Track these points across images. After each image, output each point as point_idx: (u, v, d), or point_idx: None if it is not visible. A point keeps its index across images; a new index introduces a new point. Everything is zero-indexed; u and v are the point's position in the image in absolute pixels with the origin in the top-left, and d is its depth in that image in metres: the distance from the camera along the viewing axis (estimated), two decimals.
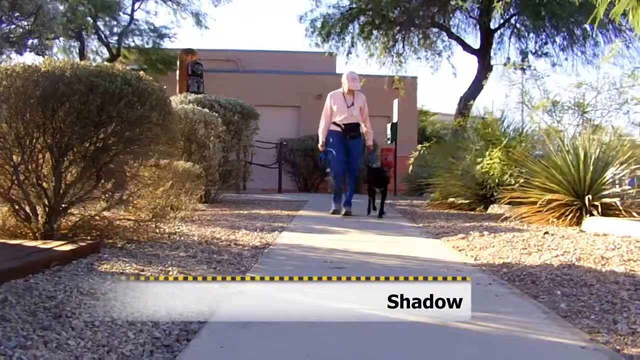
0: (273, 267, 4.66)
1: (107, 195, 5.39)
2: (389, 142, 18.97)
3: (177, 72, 16.14)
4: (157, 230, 5.98)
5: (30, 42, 5.73)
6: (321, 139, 9.68)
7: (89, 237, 5.21)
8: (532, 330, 2.99)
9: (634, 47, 17.31)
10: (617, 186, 8.26)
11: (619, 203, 7.62)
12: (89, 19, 23.25)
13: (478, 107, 13.43)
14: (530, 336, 2.89)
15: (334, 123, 9.60)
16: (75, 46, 24.90)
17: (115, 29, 24.90)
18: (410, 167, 13.52)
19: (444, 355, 2.55)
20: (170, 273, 4.13)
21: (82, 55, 23.97)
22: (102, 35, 24.68)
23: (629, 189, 8.20)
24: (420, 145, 12.62)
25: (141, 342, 2.63)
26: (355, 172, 9.95)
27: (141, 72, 5.48)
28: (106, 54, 24.82)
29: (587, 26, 17.78)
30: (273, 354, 2.56)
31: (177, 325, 2.94)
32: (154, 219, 5.74)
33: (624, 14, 6.80)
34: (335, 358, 2.53)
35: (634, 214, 7.48)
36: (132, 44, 24.79)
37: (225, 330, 2.84)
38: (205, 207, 9.84)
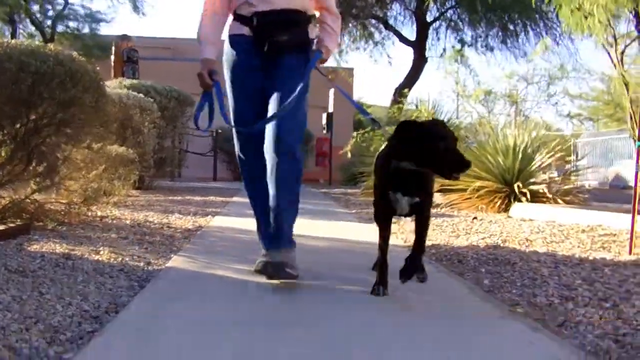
0: (205, 247, 4.70)
1: (38, 178, 5.33)
2: (325, 131, 19.10)
3: (112, 57, 15.90)
4: (89, 214, 5.95)
5: None
6: (204, 60, 3.68)
7: (18, 220, 5.14)
8: (456, 304, 3.12)
9: (563, 44, 17.85)
10: (546, 174, 8.54)
11: (546, 190, 7.89)
12: (22, 1, 22.72)
13: (413, 97, 13.68)
14: (455, 309, 3.01)
15: (238, 17, 3.75)
16: (7, 30, 24.32)
17: (49, 13, 24.41)
18: (348, 153, 13.64)
19: (370, 326, 2.63)
20: (101, 253, 4.13)
21: (13, 39, 23.41)
22: (36, 19, 24.14)
23: (556, 177, 8.51)
24: (355, 133, 12.71)
25: (70, 314, 2.65)
26: (293, 150, 3.56)
27: (74, 53, 5.42)
28: (40, 39, 24.28)
29: (519, 21, 18.28)
30: (201, 319, 2.61)
31: (106, 299, 2.97)
32: (85, 202, 5.70)
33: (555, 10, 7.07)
34: (258, 319, 2.60)
35: (560, 200, 7.76)
36: (67, 29, 24.35)
37: (155, 302, 2.88)
38: (138, 193, 9.76)
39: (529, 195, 7.86)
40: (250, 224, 6.23)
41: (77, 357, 2.10)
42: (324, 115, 19.40)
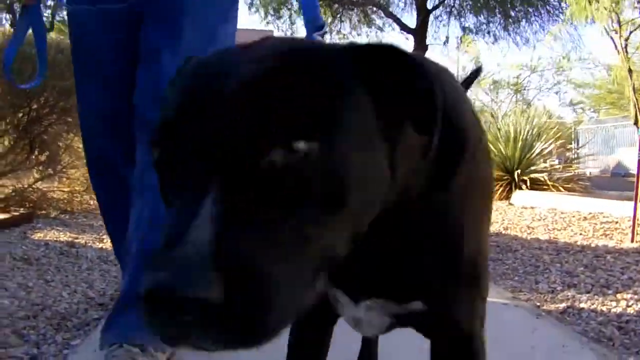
0: None
1: (41, 166, 5.34)
2: None
3: None
4: (91, 202, 5.95)
5: None
6: None
7: (22, 209, 5.16)
8: None
9: (566, 31, 17.80)
10: (547, 162, 8.55)
11: (546, 178, 7.90)
12: None
13: None
14: None
15: None
16: (6, 19, 24.22)
17: (48, 2, 24.30)
18: None
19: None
20: (105, 241, 4.14)
21: (13, 27, 23.35)
22: None
23: (557, 165, 8.53)
24: None
25: (75, 301, 2.66)
26: None
27: None
28: None
29: (521, 8, 18.24)
30: None
31: (111, 286, 2.98)
32: (87, 190, 5.70)
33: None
34: None
35: (561, 188, 7.77)
36: (65, 17, 24.26)
37: None
38: None
39: (528, 183, 7.87)
40: None
41: (84, 344, 2.11)
42: None
